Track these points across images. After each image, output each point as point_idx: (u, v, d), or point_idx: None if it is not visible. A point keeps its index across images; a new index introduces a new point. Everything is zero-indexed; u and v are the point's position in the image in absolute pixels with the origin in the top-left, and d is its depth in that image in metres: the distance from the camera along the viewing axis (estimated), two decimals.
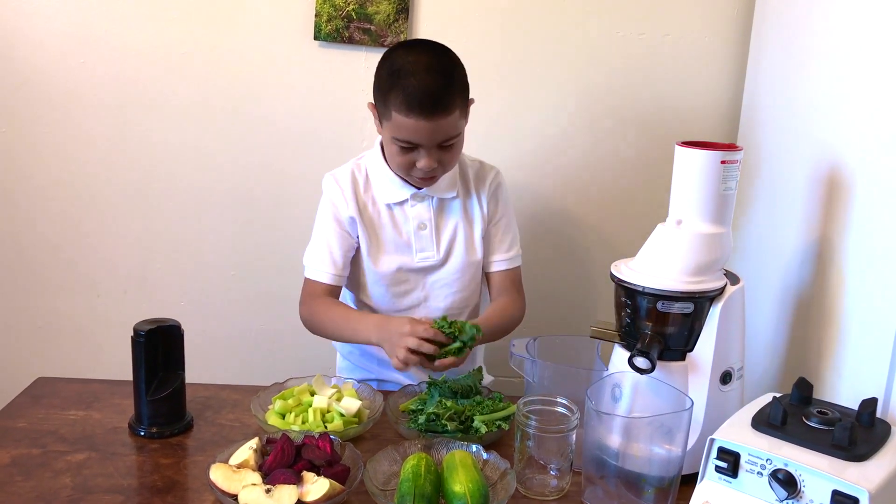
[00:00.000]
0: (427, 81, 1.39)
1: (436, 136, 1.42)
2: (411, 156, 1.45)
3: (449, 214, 1.59)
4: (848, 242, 1.28)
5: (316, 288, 1.57)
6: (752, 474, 0.98)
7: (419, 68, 1.40)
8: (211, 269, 2.07)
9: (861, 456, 0.95)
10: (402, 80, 1.39)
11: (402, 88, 1.38)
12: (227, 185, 2.01)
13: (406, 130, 1.41)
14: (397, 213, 1.57)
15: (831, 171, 1.35)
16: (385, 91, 1.42)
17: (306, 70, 1.93)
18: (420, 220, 1.57)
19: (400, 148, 1.45)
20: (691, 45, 1.93)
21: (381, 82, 1.44)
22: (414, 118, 1.39)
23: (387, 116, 1.43)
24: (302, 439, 1.19)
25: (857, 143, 1.29)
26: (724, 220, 1.23)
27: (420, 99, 1.38)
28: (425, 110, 1.38)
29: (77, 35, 1.92)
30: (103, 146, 1.99)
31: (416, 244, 1.57)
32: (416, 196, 1.56)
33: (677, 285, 1.19)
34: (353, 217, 1.56)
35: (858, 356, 1.23)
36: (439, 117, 1.40)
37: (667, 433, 1.12)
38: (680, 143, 1.24)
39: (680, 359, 1.23)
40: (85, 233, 2.04)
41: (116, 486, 1.15)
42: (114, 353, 2.10)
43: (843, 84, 1.34)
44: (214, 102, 1.96)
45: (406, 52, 1.45)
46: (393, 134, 1.43)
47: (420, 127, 1.40)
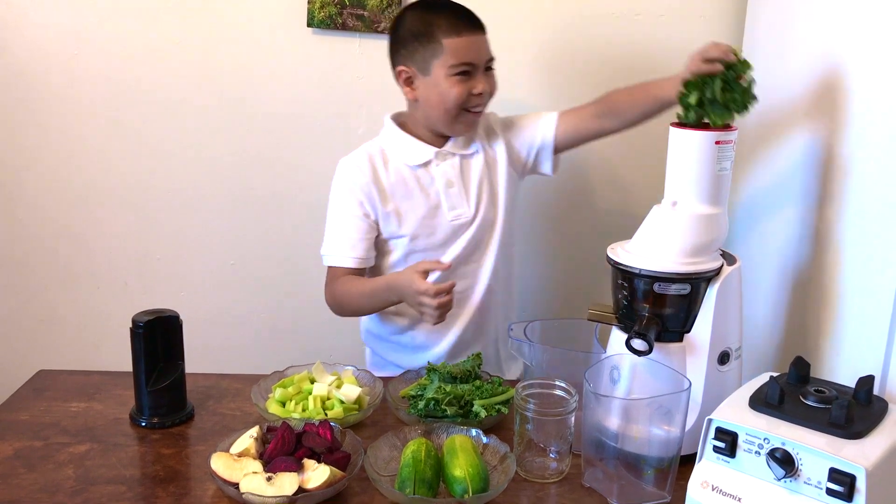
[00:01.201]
0: (457, 6, 1.52)
1: (484, 52, 1.52)
2: (468, 84, 1.50)
3: (473, 170, 1.61)
4: (845, 220, 1.28)
5: (337, 272, 1.59)
6: (750, 454, 0.98)
7: (444, 2, 1.53)
8: (210, 260, 2.07)
9: (858, 433, 0.95)
10: (439, 12, 1.50)
11: (444, 16, 1.48)
12: (223, 176, 2.00)
13: (462, 50, 1.48)
14: (422, 175, 1.59)
15: (828, 148, 1.35)
16: (423, 31, 1.49)
17: (300, 58, 1.92)
18: (447, 178, 1.58)
19: (458, 77, 1.49)
20: (687, 26, 1.91)
21: (415, 30, 1.50)
22: (466, 34, 1.48)
23: (436, 52, 1.48)
24: (302, 427, 1.19)
25: (853, 121, 1.28)
26: (719, 201, 1.23)
27: (465, 14, 1.50)
28: (473, 23, 1.50)
29: (69, 28, 1.91)
30: (99, 139, 1.98)
31: (447, 202, 1.58)
32: (440, 155, 1.58)
33: (674, 267, 1.19)
34: (373, 193, 1.56)
35: (856, 334, 1.24)
36: (482, 32, 1.52)
37: (665, 414, 1.13)
38: (675, 123, 1.23)
39: (678, 340, 1.23)
40: (83, 226, 2.04)
41: (119, 476, 1.16)
42: (114, 345, 2.09)
43: (839, 64, 1.33)
44: (209, 93, 1.95)
45: (421, 4, 1.55)
46: (449, 62, 1.48)
47: (473, 42, 1.49)
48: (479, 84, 1.51)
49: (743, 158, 1.69)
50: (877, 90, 1.20)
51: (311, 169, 1.99)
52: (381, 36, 1.88)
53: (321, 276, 1.62)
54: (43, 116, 1.97)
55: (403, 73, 1.54)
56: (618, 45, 1.93)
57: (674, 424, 1.12)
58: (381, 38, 1.89)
